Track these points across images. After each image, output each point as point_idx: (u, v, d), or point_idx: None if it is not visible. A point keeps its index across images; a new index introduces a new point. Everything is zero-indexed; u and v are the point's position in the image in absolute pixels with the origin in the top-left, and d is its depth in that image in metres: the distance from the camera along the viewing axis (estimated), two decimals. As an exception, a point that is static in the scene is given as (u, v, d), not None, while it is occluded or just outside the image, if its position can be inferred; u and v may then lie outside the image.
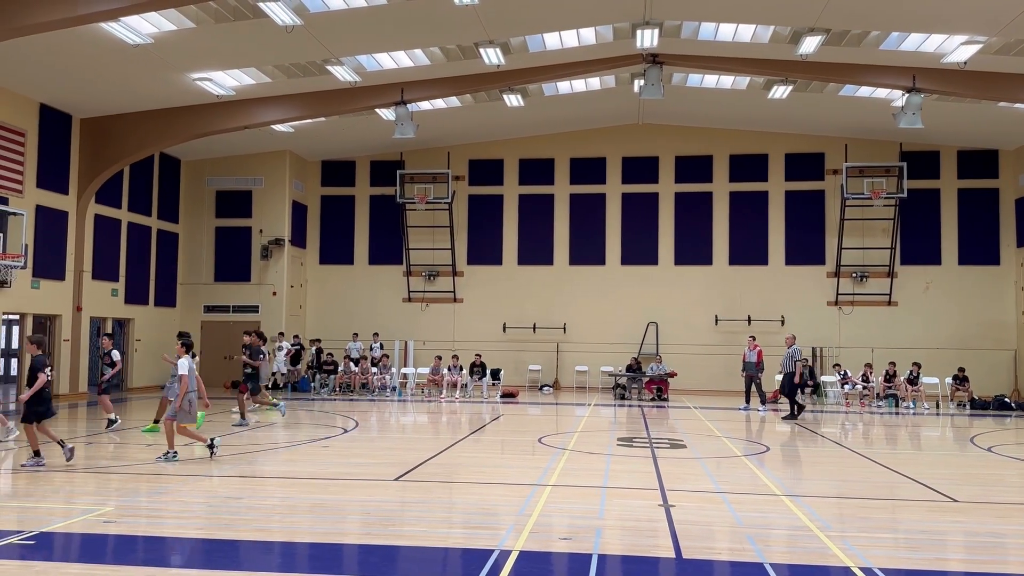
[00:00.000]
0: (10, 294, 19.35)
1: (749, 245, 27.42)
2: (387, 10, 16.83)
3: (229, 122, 21.93)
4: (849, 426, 18.07)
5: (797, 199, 27.38)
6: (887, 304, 26.68)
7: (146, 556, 6.71)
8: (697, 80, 23.38)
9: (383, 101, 21.59)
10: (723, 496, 9.31)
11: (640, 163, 28.04)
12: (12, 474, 10.67)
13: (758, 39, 19.17)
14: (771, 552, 6.90)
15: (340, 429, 15.71)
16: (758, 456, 12.75)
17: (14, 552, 6.61)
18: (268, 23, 16.69)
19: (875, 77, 20.34)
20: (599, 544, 7.06)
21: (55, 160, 21.19)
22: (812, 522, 8.01)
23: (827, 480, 10.92)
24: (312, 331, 28.74)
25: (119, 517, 7.85)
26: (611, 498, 9.08)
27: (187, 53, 18.30)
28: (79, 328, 22.10)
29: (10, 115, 19.59)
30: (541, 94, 24.06)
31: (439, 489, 9.73)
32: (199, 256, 27.72)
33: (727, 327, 26.94)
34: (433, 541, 7.24)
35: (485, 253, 28.52)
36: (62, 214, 21.49)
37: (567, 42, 19.64)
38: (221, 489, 9.45)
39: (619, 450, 13.01)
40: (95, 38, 16.73)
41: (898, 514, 8.69)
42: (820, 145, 27.33)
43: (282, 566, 6.48)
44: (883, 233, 26.79)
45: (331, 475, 10.49)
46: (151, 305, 25.84)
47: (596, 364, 27.23)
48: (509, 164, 28.57)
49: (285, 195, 27.45)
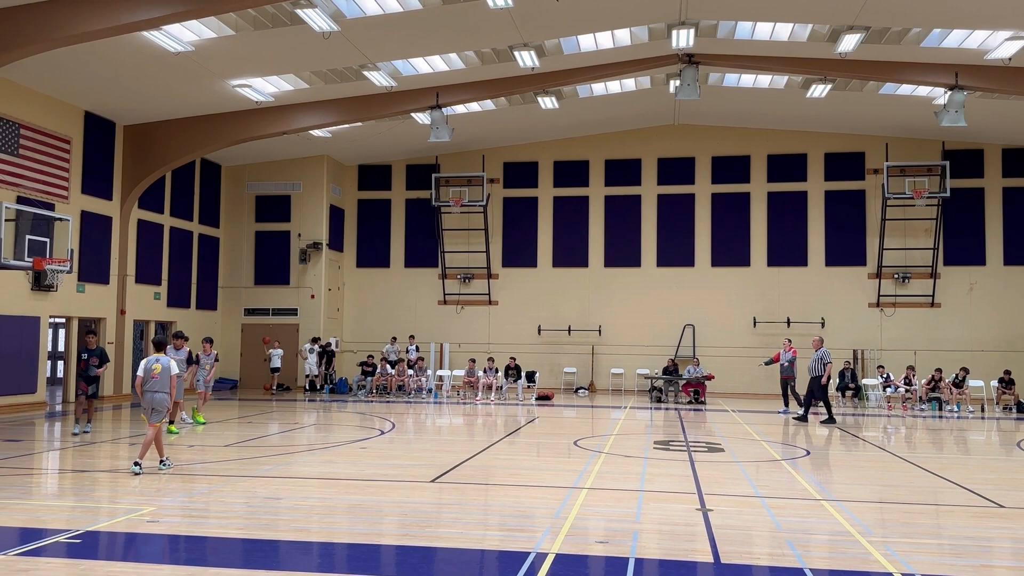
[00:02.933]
0: (56, 298, 19.82)
1: (788, 246, 27.10)
2: (422, 15, 16.94)
3: (268, 128, 22.24)
4: (891, 429, 17.77)
5: (837, 199, 27.00)
6: (930, 306, 26.18)
7: (188, 555, 6.83)
8: (734, 80, 23.18)
9: (418, 105, 21.73)
10: (762, 500, 9.21)
11: (676, 164, 27.86)
12: (59, 474, 10.93)
13: (796, 38, 18.95)
14: (811, 557, 6.81)
15: (377, 431, 15.83)
16: (798, 460, 12.59)
17: (61, 550, 6.77)
18: (306, 30, 16.90)
19: (916, 75, 19.99)
20: (636, 548, 7.03)
21: (99, 166, 21.66)
22: (853, 527, 7.89)
23: (868, 484, 10.74)
24: (349, 334, 29.04)
25: (162, 517, 7.99)
26: (648, 502, 9.03)
27: (227, 60, 18.59)
28: (123, 331, 22.54)
29: (56, 123, 20.07)
30: (575, 96, 24.03)
31: (475, 491, 9.75)
32: (239, 260, 28.14)
33: (766, 329, 26.65)
34: (469, 543, 7.26)
35: (520, 256, 28.55)
36: (106, 219, 21.95)
37: (602, 43, 19.60)
38: (261, 489, 9.57)
39: (656, 453, 12.93)
40: (138, 47, 17.08)
41: (942, 520, 8.52)
42: (860, 144, 26.92)
43: (321, 566, 6.55)
44: (925, 233, 26.31)
45: (369, 476, 10.57)
46: (193, 308, 26.29)
47: (632, 367, 27.10)
48: (544, 166, 28.57)
49: (323, 199, 27.75)
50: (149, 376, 10.58)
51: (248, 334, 27.45)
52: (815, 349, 18.72)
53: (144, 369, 10.66)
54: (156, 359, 10.69)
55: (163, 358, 10.75)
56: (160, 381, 10.56)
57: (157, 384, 10.56)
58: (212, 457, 11.87)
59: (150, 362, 10.68)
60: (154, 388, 10.54)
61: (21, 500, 8.76)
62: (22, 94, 18.91)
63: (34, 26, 14.71)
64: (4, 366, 18.32)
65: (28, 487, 9.76)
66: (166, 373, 10.60)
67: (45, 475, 10.79)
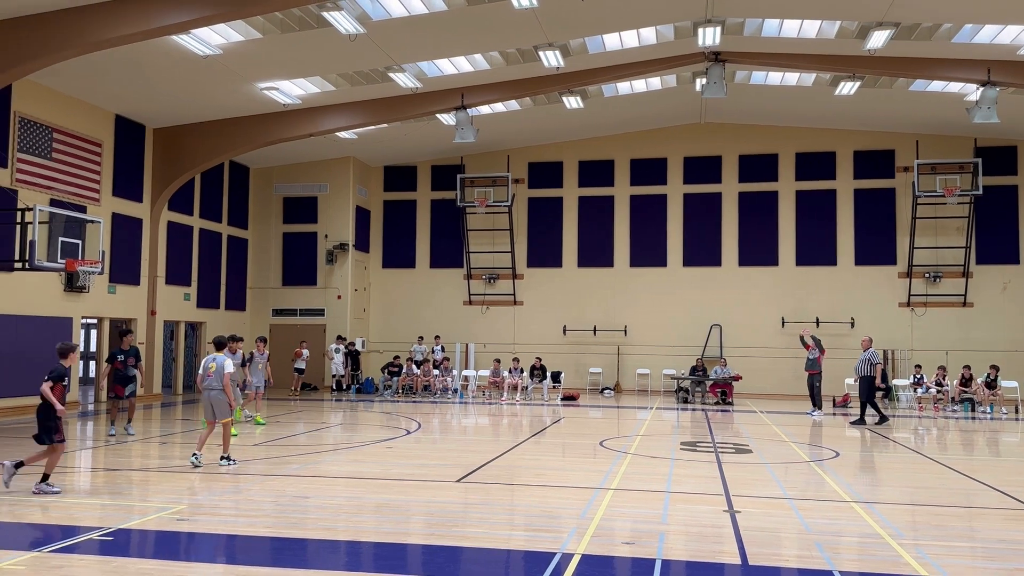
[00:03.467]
0: (88, 299, 20.11)
1: (817, 245, 26.82)
2: (447, 16, 16.99)
3: (295, 130, 22.42)
4: (922, 431, 17.53)
5: (867, 197, 26.68)
6: (962, 305, 25.79)
7: (217, 553, 6.91)
8: (761, 77, 22.99)
9: (444, 106, 21.79)
10: (790, 502, 9.13)
11: (702, 163, 27.69)
12: (92, 473, 11.09)
13: (824, 35, 18.76)
14: (840, 560, 6.74)
15: (403, 430, 15.90)
16: (827, 461, 12.46)
17: (94, 547, 6.88)
18: (332, 32, 17.02)
19: (947, 71, 19.69)
20: (662, 549, 7.00)
21: (130, 169, 21.96)
22: (883, 529, 7.79)
23: (899, 486, 10.61)
24: (375, 334, 29.18)
25: (192, 515, 8.09)
26: (675, 503, 8.99)
27: (254, 63, 18.77)
28: (153, 331, 22.83)
29: (88, 126, 20.38)
30: (601, 95, 23.97)
31: (501, 491, 9.76)
32: (267, 261, 28.40)
33: (794, 329, 26.37)
34: (495, 543, 7.27)
35: (545, 256, 28.53)
36: (137, 221, 22.25)
37: (627, 42, 19.53)
38: (289, 488, 9.65)
39: (682, 454, 12.86)
40: (167, 51, 17.29)
41: (975, 522, 8.40)
42: (890, 142, 26.58)
43: (348, 565, 6.59)
44: (957, 232, 25.92)
45: (395, 476, 10.62)
46: (222, 309, 26.57)
47: (658, 367, 26.97)
48: (569, 166, 28.53)
49: (349, 200, 27.92)
50: (206, 374, 11.15)
51: (276, 334, 27.67)
52: (863, 349, 18.48)
53: (203, 367, 11.25)
54: (213, 358, 11.25)
55: (219, 357, 11.24)
56: (214, 378, 11.06)
57: (212, 381, 11.08)
58: (241, 456, 11.98)
59: (207, 360, 11.25)
60: (210, 386, 11.08)
61: (55, 498, 8.90)
62: (55, 98, 19.23)
63: (66, 32, 14.95)
64: (37, 366, 18.57)
65: (61, 485, 9.91)
66: (219, 371, 11.06)
67: (78, 473, 10.96)
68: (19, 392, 18.02)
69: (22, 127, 18.23)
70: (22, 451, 12.25)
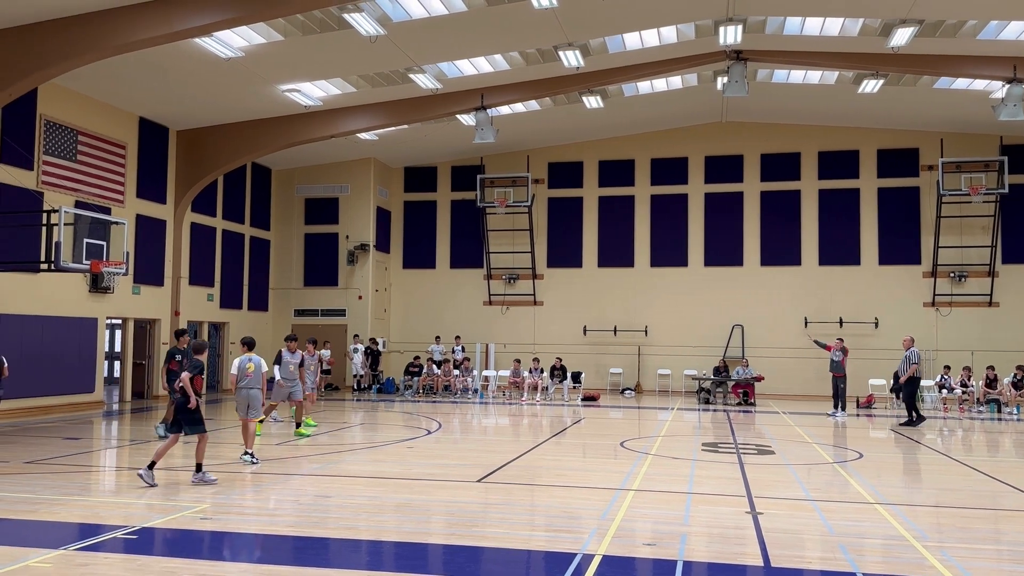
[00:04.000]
0: (113, 300, 20.34)
1: (840, 245, 26.58)
2: (467, 17, 17.01)
3: (316, 132, 22.55)
4: (947, 432, 17.33)
5: (890, 196, 26.41)
6: (988, 305, 25.46)
7: (240, 552, 6.96)
8: (783, 76, 22.83)
9: (463, 107, 21.82)
10: (813, 504, 9.05)
11: (724, 162, 27.54)
12: (117, 472, 11.22)
13: (846, 32, 18.60)
14: (864, 562, 6.67)
15: (424, 430, 15.94)
16: (851, 463, 12.35)
17: (119, 546, 6.96)
18: (353, 34, 17.10)
19: (972, 68, 19.44)
20: (684, 550, 6.96)
21: (153, 171, 22.19)
22: (908, 531, 7.71)
23: (924, 488, 10.49)
24: (396, 334, 29.28)
25: (215, 515, 8.15)
26: (696, 504, 8.94)
27: (276, 65, 18.90)
28: (177, 332, 23.03)
29: (112, 129, 20.61)
30: (621, 95, 23.90)
31: (521, 491, 9.76)
32: (289, 261, 28.59)
33: (817, 329, 26.16)
34: (516, 543, 7.27)
35: (565, 256, 28.49)
36: (160, 223, 22.48)
37: (647, 41, 19.46)
38: (311, 488, 9.71)
39: (704, 455, 12.80)
40: (190, 53, 17.46)
41: (1001, 525, 8.29)
42: (914, 140, 26.30)
43: (370, 564, 6.61)
44: (983, 231, 25.59)
45: (416, 475, 10.65)
46: (245, 309, 26.78)
47: (679, 367, 26.84)
48: (589, 166, 28.47)
49: (370, 201, 28.04)
50: (243, 374, 11.33)
51: (298, 335, 27.78)
52: (906, 349, 18.26)
53: (238, 367, 11.40)
54: (249, 358, 11.43)
55: (255, 357, 11.49)
56: (254, 379, 11.34)
57: (252, 381, 11.33)
58: (263, 456, 12.07)
59: (244, 361, 11.41)
60: (249, 385, 11.32)
61: (80, 496, 9.01)
62: (79, 101, 19.47)
63: (90, 35, 15.13)
64: (63, 366, 18.87)
65: (87, 484, 10.04)
66: (258, 371, 11.37)
67: (103, 472, 11.09)
68: (45, 392, 18.28)
69: (47, 130, 18.48)
70: (50, 450, 12.41)
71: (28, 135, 18.00)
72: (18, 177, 17.54)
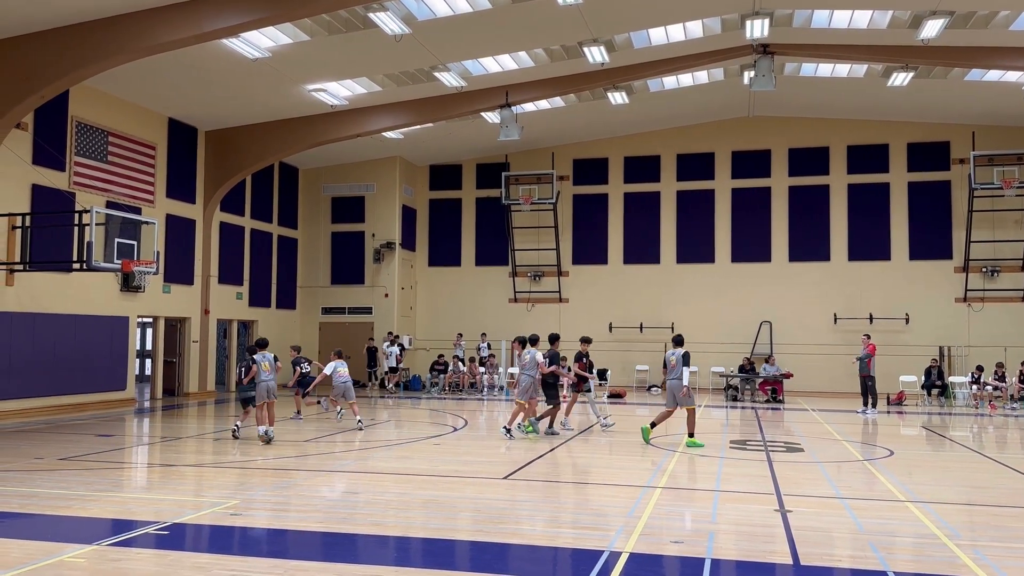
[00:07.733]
0: (144, 298, 20.62)
1: (870, 239, 26.26)
2: (492, 14, 17.02)
3: (343, 131, 22.68)
4: (980, 429, 17.07)
5: (921, 190, 26.05)
6: (1021, 300, 25.03)
7: (269, 548, 7.03)
8: (811, 69, 22.58)
9: (488, 104, 21.83)
10: (843, 502, 8.96)
11: (751, 157, 27.31)
12: (148, 468, 11.37)
13: (875, 25, 18.36)
14: (895, 560, 6.60)
15: (450, 427, 15.99)
16: (880, 460, 12.21)
17: (150, 541, 7.06)
18: (378, 33, 17.17)
19: (1004, 60, 19.11)
20: (712, 548, 6.92)
21: (183, 171, 22.45)
22: (940, 530, 7.61)
23: (956, 486, 10.34)
24: (422, 332, 29.38)
25: (244, 510, 8.24)
26: (724, 502, 8.89)
27: (303, 65, 19.03)
28: (207, 330, 23.31)
29: (142, 130, 20.88)
30: (646, 90, 23.78)
31: (547, 488, 9.76)
32: (316, 260, 28.80)
33: (847, 326, 25.90)
34: (543, 540, 7.27)
35: (590, 253, 28.42)
36: (190, 222, 22.74)
37: (673, 36, 19.34)
38: (339, 484, 9.78)
39: (732, 453, 12.71)
40: (217, 54, 17.63)
41: (1037, 524, 8.14)
42: (945, 133, 25.91)
43: (398, 560, 6.65)
44: (1016, 225, 25.16)
45: (443, 472, 10.69)
46: (273, 308, 27.02)
47: (706, 364, 26.65)
48: (614, 162, 28.37)
49: (395, 200, 28.16)
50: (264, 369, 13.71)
51: (326, 333, 28.06)
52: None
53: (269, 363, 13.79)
54: (264, 356, 13.71)
55: (268, 355, 13.83)
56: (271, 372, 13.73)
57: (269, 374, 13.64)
58: (291, 452, 12.18)
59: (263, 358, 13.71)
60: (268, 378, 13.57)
61: (113, 492, 9.15)
62: (110, 103, 19.74)
63: (120, 37, 15.33)
64: (95, 364, 19.16)
65: (119, 480, 10.19)
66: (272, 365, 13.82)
67: (135, 469, 11.25)
68: (78, 390, 18.57)
69: (79, 131, 18.76)
70: (83, 447, 12.62)
71: (60, 137, 18.28)
72: (50, 178, 17.84)
